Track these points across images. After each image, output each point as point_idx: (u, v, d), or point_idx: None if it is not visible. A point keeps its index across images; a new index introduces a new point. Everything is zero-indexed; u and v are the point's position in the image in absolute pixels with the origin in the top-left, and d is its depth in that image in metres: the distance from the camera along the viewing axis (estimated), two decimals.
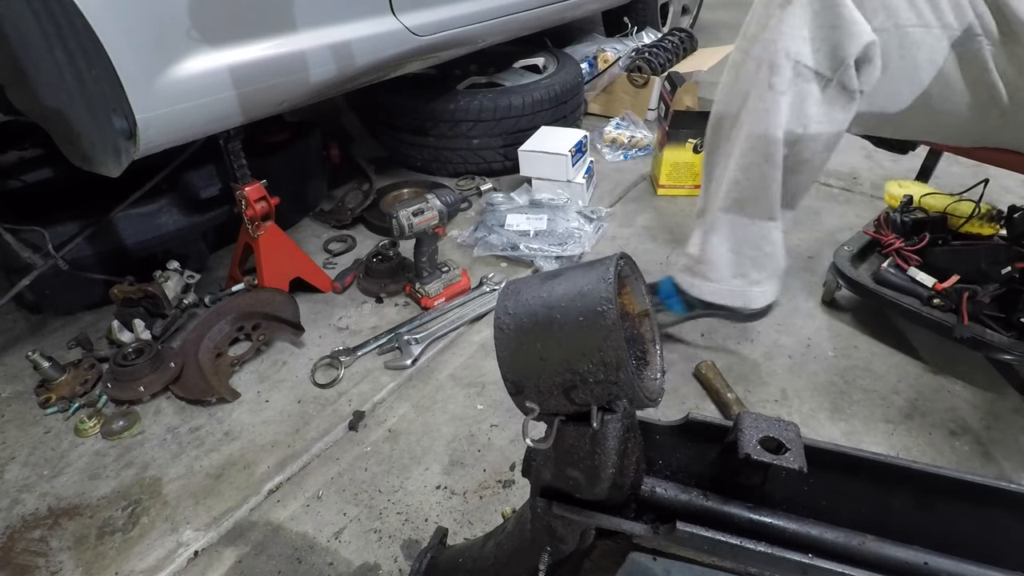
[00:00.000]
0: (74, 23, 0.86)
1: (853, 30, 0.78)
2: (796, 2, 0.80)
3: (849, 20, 0.78)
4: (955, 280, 1.12)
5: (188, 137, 1.08)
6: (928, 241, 1.20)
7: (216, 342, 1.27)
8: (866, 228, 1.35)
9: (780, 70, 0.83)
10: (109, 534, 0.95)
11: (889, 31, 0.79)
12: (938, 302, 1.12)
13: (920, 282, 1.16)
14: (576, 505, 0.46)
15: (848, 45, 0.79)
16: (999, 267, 1.07)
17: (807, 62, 0.82)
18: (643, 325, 0.45)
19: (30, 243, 1.22)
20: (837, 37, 0.79)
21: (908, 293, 1.17)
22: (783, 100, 0.84)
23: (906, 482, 0.44)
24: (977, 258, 1.12)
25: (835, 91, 0.83)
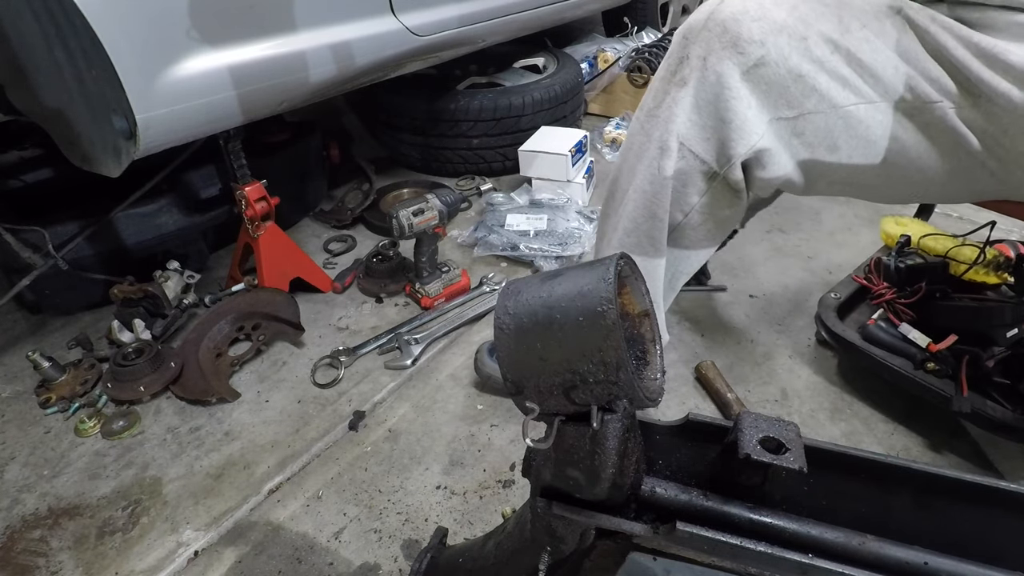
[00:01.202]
0: (74, 23, 0.86)
1: (743, 129, 0.73)
2: (689, 85, 0.74)
3: (740, 118, 0.73)
4: (953, 341, 0.99)
5: (188, 137, 1.08)
6: (924, 293, 1.06)
7: (216, 342, 1.27)
8: (855, 274, 1.22)
9: (670, 153, 0.78)
10: (109, 534, 0.95)
11: (827, 113, 0.73)
12: (932, 366, 0.99)
13: (913, 341, 1.03)
14: (576, 505, 0.46)
15: (736, 144, 0.74)
16: (1005, 329, 0.94)
17: (696, 150, 0.77)
18: (643, 325, 0.45)
19: (30, 243, 1.22)
20: (726, 132, 0.74)
21: (899, 353, 1.03)
22: (669, 185, 0.79)
23: (906, 482, 0.44)
24: (980, 317, 0.99)
25: (721, 186, 0.78)
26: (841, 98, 0.72)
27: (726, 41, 0.71)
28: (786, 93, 0.72)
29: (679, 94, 0.75)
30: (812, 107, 0.73)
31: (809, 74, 0.71)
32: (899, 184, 0.79)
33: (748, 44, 0.70)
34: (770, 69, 0.71)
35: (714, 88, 0.73)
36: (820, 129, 0.74)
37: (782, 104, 0.73)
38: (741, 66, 0.71)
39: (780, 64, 0.71)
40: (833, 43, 0.71)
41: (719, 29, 0.72)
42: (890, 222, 1.31)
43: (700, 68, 0.73)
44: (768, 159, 0.75)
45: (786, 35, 0.71)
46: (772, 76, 0.71)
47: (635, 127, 0.84)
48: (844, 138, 0.74)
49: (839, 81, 0.72)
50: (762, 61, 0.71)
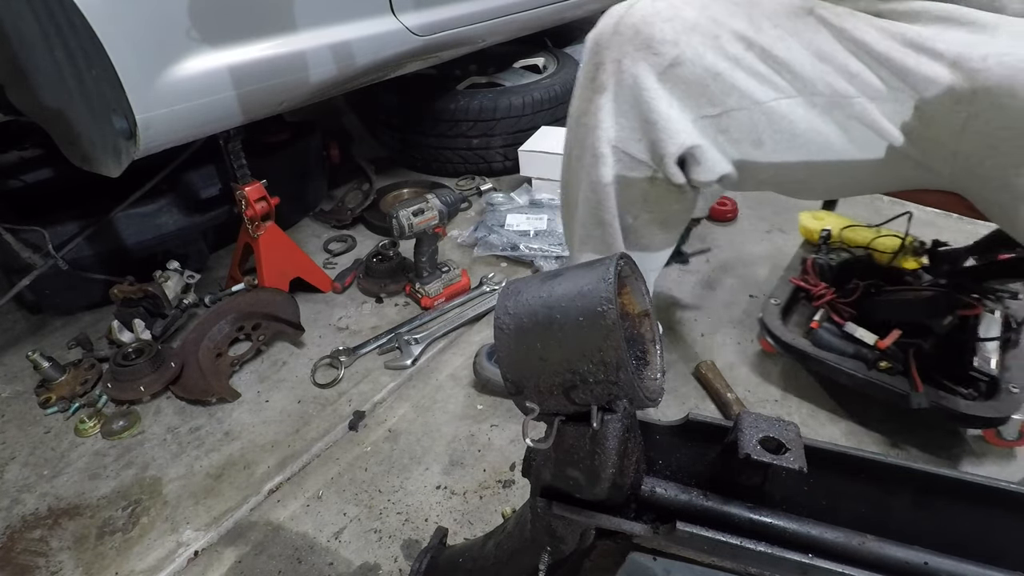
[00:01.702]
0: (74, 23, 0.86)
1: (669, 128, 0.73)
2: (608, 91, 0.75)
3: (664, 118, 0.73)
4: (897, 335, 1.00)
5: (188, 137, 1.08)
6: (862, 291, 1.08)
7: (216, 342, 1.27)
8: (792, 276, 1.21)
9: (604, 159, 0.78)
10: (109, 534, 0.95)
11: (749, 109, 0.73)
12: (885, 364, 1.00)
13: (861, 340, 1.03)
14: (576, 505, 0.46)
15: (666, 143, 0.74)
16: (940, 318, 0.97)
17: (631, 151, 0.77)
18: (643, 325, 0.45)
19: (30, 243, 1.22)
20: (655, 133, 0.74)
21: (850, 355, 1.03)
22: (611, 191, 0.80)
23: (906, 482, 0.44)
24: (917, 309, 1.02)
25: (663, 185, 0.78)
26: (761, 94, 0.72)
27: (639, 43, 0.72)
28: (706, 91, 0.72)
29: (600, 100, 0.76)
30: (734, 104, 0.73)
31: (726, 72, 0.71)
32: (825, 179, 0.80)
33: (661, 44, 0.71)
34: (686, 68, 0.71)
35: (633, 91, 0.73)
36: (744, 126, 0.74)
37: (704, 102, 0.73)
38: (657, 67, 0.71)
39: (696, 63, 0.71)
40: (746, 40, 0.71)
41: (631, 32, 0.72)
42: (807, 216, 1.33)
43: (616, 72, 0.73)
44: (702, 155, 0.75)
45: (699, 34, 0.71)
46: (689, 75, 0.72)
47: (568, 136, 0.84)
48: (768, 133, 0.74)
49: (756, 78, 0.72)
50: (677, 60, 0.71)
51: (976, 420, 0.94)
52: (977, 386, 0.96)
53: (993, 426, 0.95)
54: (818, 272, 1.18)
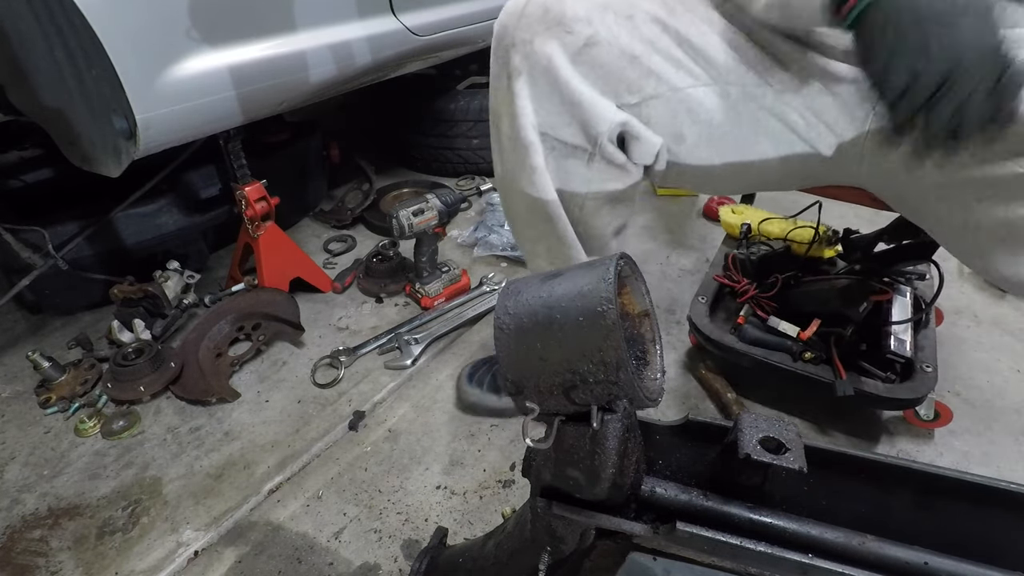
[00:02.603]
0: (74, 23, 0.86)
1: (596, 110, 0.69)
2: (524, 74, 0.70)
3: (588, 101, 0.69)
4: (817, 325, 1.01)
5: (188, 137, 1.08)
6: (781, 283, 1.08)
7: (216, 342, 1.27)
8: (716, 273, 1.21)
9: (534, 147, 0.73)
10: (109, 534, 0.95)
11: (667, 97, 0.70)
12: (809, 355, 1.01)
13: (784, 333, 1.03)
14: (576, 505, 0.46)
15: (596, 124, 0.70)
16: (856, 306, 0.99)
17: (561, 136, 0.72)
18: (643, 325, 0.45)
19: (30, 243, 1.22)
20: (582, 115, 0.70)
21: (776, 348, 1.04)
22: (547, 179, 0.76)
23: (906, 482, 0.44)
24: (832, 300, 1.03)
25: (602, 164, 0.74)
26: (678, 79, 0.70)
27: (550, 21, 0.67)
28: (624, 76, 0.69)
29: (516, 86, 0.71)
30: (652, 90, 0.70)
31: (643, 55, 0.68)
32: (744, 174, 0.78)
33: (574, 22, 0.67)
34: (603, 49, 0.68)
35: (548, 71, 0.69)
36: (665, 116, 0.72)
37: (623, 89, 0.70)
38: (571, 46, 0.68)
39: (612, 44, 0.68)
40: (661, 23, 0.69)
41: (539, 10, 0.68)
42: (727, 211, 1.34)
43: (528, 54, 0.69)
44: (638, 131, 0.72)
45: (612, 13, 0.68)
46: (606, 57, 0.68)
47: (493, 132, 0.80)
48: (687, 125, 0.72)
49: (673, 62, 0.69)
50: (593, 40, 0.67)
51: (894, 402, 0.97)
52: (894, 368, 0.99)
53: (911, 407, 0.99)
54: (739, 267, 1.18)
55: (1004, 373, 1.18)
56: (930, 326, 1.07)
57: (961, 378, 1.17)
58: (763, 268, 1.16)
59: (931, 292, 1.06)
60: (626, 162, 0.75)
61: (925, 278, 1.14)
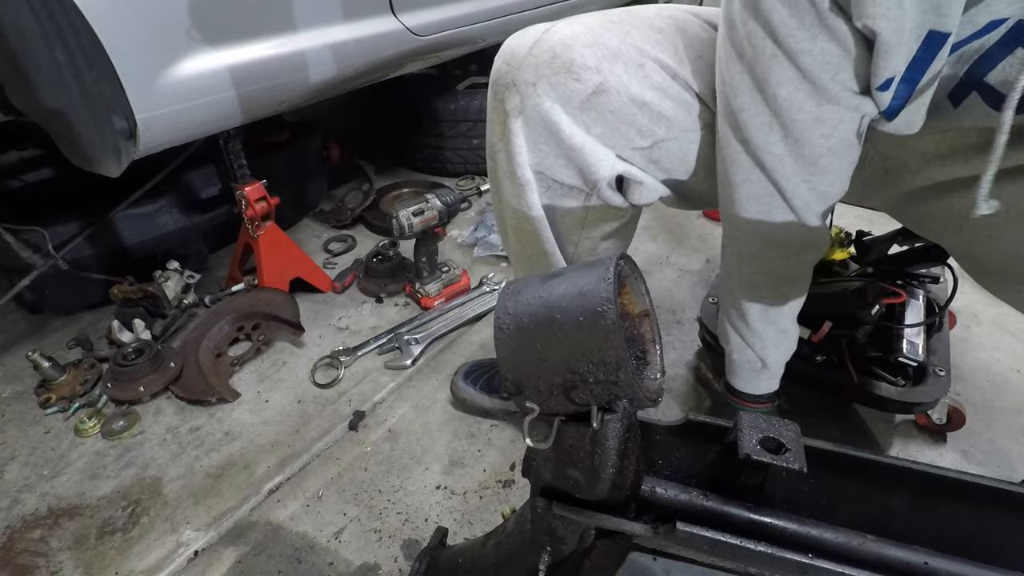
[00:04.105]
0: (74, 23, 0.86)
1: (597, 153, 0.69)
2: (523, 115, 0.69)
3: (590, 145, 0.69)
4: (829, 328, 1.00)
5: (188, 137, 1.08)
6: None
7: (216, 342, 1.27)
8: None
9: (530, 186, 0.73)
10: (109, 534, 0.95)
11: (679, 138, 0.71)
12: (821, 358, 1.01)
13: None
14: (576, 505, 0.46)
15: (596, 169, 0.69)
16: (868, 308, 0.98)
17: (559, 177, 0.72)
18: (643, 325, 0.45)
19: (30, 243, 1.22)
20: (580, 160, 0.69)
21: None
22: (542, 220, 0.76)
23: (906, 482, 0.44)
24: (845, 300, 1.01)
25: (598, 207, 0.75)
26: (689, 123, 0.70)
27: (557, 67, 0.66)
28: (634, 122, 0.68)
29: (514, 125, 0.70)
30: (663, 134, 0.70)
31: (654, 101, 0.68)
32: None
33: (583, 70, 0.66)
34: (611, 97, 0.67)
35: (548, 118, 0.68)
36: (675, 155, 0.72)
37: (633, 133, 0.69)
38: (578, 94, 0.66)
39: (622, 92, 0.67)
40: (672, 71, 0.69)
41: (547, 55, 0.66)
42: None
43: (532, 96, 0.67)
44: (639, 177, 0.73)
45: (621, 62, 0.67)
46: (615, 104, 0.67)
47: (489, 165, 0.80)
48: (701, 160, 0.73)
49: (684, 107, 0.70)
50: (601, 88, 0.66)
51: (905, 406, 0.96)
52: (906, 372, 0.98)
53: (922, 411, 0.98)
54: None
55: (1004, 373, 1.18)
56: (944, 329, 1.06)
57: (961, 378, 1.17)
58: None
59: (945, 295, 1.06)
60: (624, 203, 0.75)
61: (939, 281, 1.12)
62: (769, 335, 0.85)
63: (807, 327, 1.02)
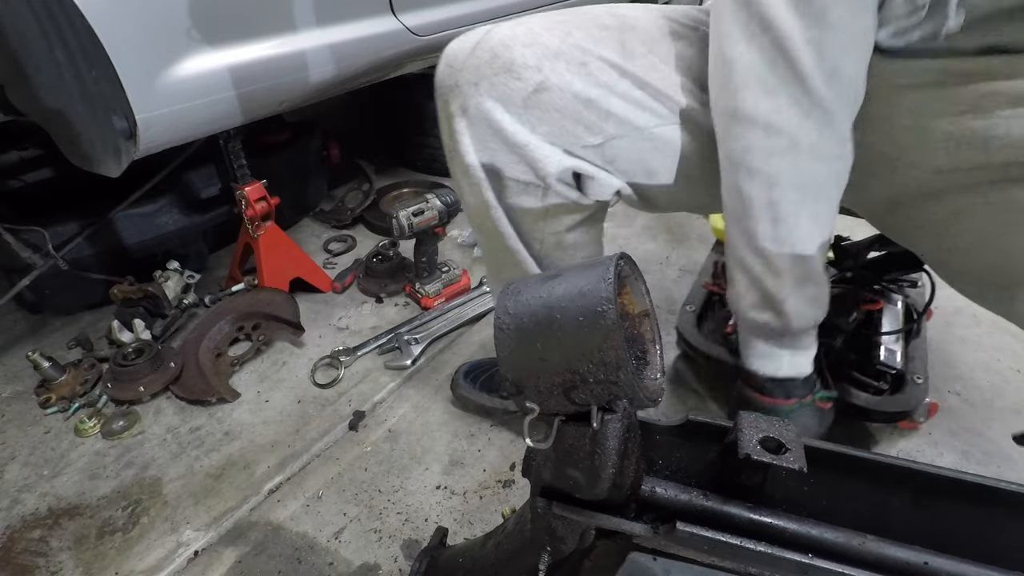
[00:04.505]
0: (74, 23, 0.86)
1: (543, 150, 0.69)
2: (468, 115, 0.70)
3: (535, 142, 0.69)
4: None
5: (188, 137, 1.08)
6: None
7: (216, 342, 1.27)
8: (705, 280, 1.19)
9: (484, 183, 0.73)
10: (109, 534, 0.95)
11: (631, 136, 0.70)
12: None
13: None
14: (576, 505, 0.46)
15: (543, 166, 0.70)
16: (847, 316, 0.98)
17: (511, 174, 0.72)
18: (643, 325, 0.45)
19: (30, 243, 1.22)
20: (527, 157, 0.70)
21: None
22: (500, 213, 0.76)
23: (906, 482, 0.44)
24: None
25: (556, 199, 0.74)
26: (641, 120, 0.69)
27: (498, 67, 0.67)
28: (581, 119, 0.69)
29: (459, 126, 0.71)
30: (613, 131, 0.70)
31: (600, 98, 0.68)
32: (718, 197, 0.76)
33: (523, 69, 0.66)
34: (554, 95, 0.67)
35: (492, 115, 0.68)
36: (631, 154, 0.72)
37: (581, 130, 0.69)
38: (520, 92, 0.67)
39: (564, 89, 0.67)
40: (619, 68, 0.68)
41: (488, 56, 0.68)
42: (718, 217, 1.30)
43: (474, 96, 0.68)
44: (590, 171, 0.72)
45: (563, 61, 0.67)
46: (558, 102, 0.67)
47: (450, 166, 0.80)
48: (658, 161, 0.72)
49: (635, 104, 0.69)
50: (543, 86, 0.67)
51: (884, 415, 0.96)
52: (884, 379, 0.97)
53: (901, 420, 0.97)
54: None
55: (1004, 373, 1.18)
56: (921, 335, 1.05)
57: (961, 378, 1.17)
58: None
59: (923, 300, 1.05)
60: (580, 197, 0.75)
61: (917, 285, 1.12)
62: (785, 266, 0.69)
63: None
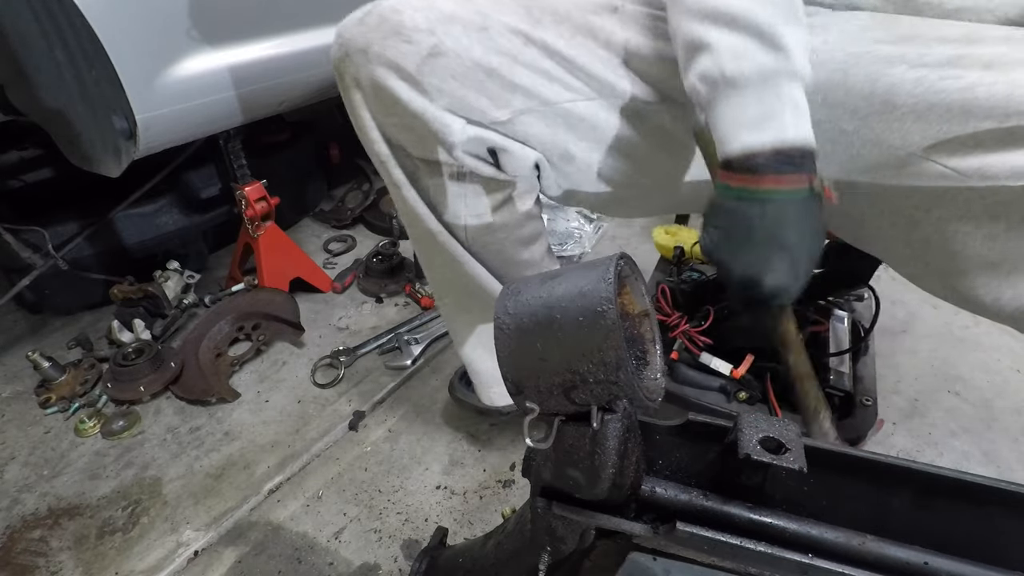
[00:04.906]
0: (74, 23, 0.86)
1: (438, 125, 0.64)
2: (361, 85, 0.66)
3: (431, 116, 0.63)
4: (751, 361, 0.95)
5: (188, 137, 1.08)
6: (713, 317, 1.00)
7: (216, 342, 1.27)
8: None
9: (390, 161, 0.69)
10: (109, 534, 0.95)
11: (540, 111, 0.64)
12: (744, 395, 0.95)
13: (717, 371, 0.97)
14: (576, 505, 0.46)
15: (445, 136, 0.64)
16: None
17: (417, 152, 0.67)
18: (643, 325, 0.45)
19: (30, 243, 1.22)
20: (424, 129, 0.64)
21: (710, 387, 0.97)
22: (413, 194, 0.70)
23: (906, 482, 0.44)
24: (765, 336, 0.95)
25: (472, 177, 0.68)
26: (551, 93, 0.64)
27: (387, 31, 0.62)
28: (484, 89, 0.63)
29: (356, 97, 0.67)
30: (521, 105, 0.64)
31: (502, 67, 0.63)
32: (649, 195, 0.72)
33: (414, 32, 0.62)
34: (450, 60, 0.62)
35: (385, 82, 0.63)
36: (543, 132, 0.66)
37: (485, 104, 0.64)
38: (411, 56, 0.62)
39: (463, 55, 0.62)
40: (523, 35, 0.63)
41: (376, 20, 0.63)
42: (660, 232, 1.27)
43: (365, 64, 0.64)
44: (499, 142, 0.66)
45: (459, 25, 0.62)
46: (455, 68, 0.62)
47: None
48: (572, 141, 0.66)
49: (543, 75, 0.64)
50: (437, 50, 0.62)
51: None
52: (832, 404, 0.91)
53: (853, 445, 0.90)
54: (670, 300, 1.09)
55: (1004, 373, 1.18)
56: (870, 353, 1.02)
57: (961, 378, 1.17)
58: (695, 298, 1.07)
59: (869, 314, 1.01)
60: (496, 173, 0.68)
61: (864, 299, 1.09)
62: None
63: (728, 362, 0.97)
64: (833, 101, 0.59)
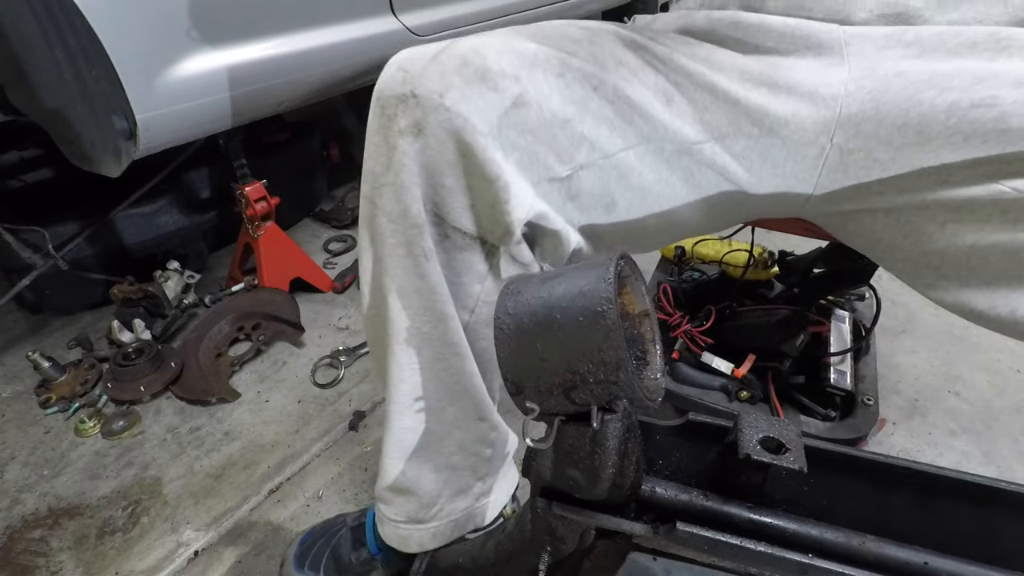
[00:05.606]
0: (74, 23, 0.86)
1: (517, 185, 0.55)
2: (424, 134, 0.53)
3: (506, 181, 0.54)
4: (753, 361, 0.95)
5: (188, 137, 1.08)
6: (715, 316, 1.02)
7: (216, 342, 1.27)
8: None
9: (425, 230, 0.56)
10: (109, 534, 0.95)
11: (600, 165, 0.59)
12: (745, 394, 0.95)
13: (718, 370, 0.97)
14: (576, 505, 0.46)
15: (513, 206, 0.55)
16: (793, 339, 0.94)
17: (458, 222, 0.57)
18: (643, 325, 0.45)
19: (30, 243, 1.22)
20: (495, 193, 0.54)
21: (711, 387, 0.97)
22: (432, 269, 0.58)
23: (906, 482, 0.44)
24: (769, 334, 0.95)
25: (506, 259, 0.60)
26: (611, 144, 0.59)
27: (469, 75, 0.53)
28: (555, 144, 0.56)
29: (410, 149, 0.54)
30: (584, 159, 0.58)
31: (575, 118, 0.56)
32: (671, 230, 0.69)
33: (500, 78, 0.53)
34: (532, 112, 0.55)
35: (462, 135, 0.52)
36: (596, 187, 0.61)
37: (552, 159, 0.57)
38: (496, 106, 0.53)
39: (543, 106, 0.55)
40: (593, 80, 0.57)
41: (456, 62, 0.53)
42: None
43: (439, 110, 0.52)
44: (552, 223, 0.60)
45: (541, 71, 0.55)
46: (536, 121, 0.55)
47: (366, 209, 0.60)
48: (620, 191, 0.62)
49: (607, 124, 0.58)
50: (521, 100, 0.54)
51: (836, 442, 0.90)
52: (834, 403, 0.93)
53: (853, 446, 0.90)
54: (671, 300, 1.10)
55: (1004, 373, 1.18)
56: (871, 352, 1.03)
57: (961, 378, 1.17)
58: (696, 298, 1.09)
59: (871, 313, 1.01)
60: (532, 262, 0.61)
61: (865, 298, 1.09)
62: None
63: (730, 361, 0.97)
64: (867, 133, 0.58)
